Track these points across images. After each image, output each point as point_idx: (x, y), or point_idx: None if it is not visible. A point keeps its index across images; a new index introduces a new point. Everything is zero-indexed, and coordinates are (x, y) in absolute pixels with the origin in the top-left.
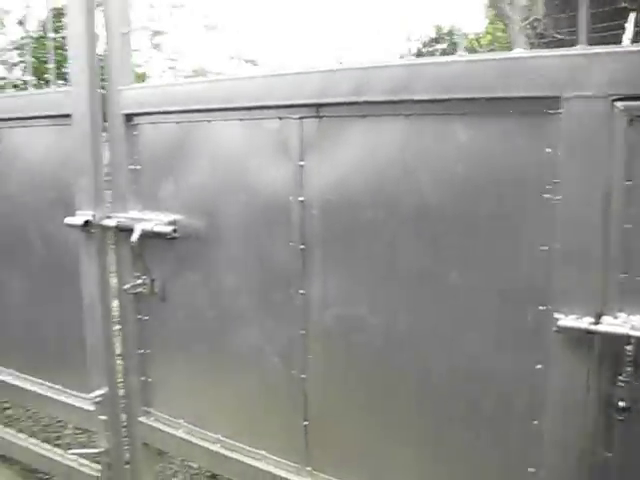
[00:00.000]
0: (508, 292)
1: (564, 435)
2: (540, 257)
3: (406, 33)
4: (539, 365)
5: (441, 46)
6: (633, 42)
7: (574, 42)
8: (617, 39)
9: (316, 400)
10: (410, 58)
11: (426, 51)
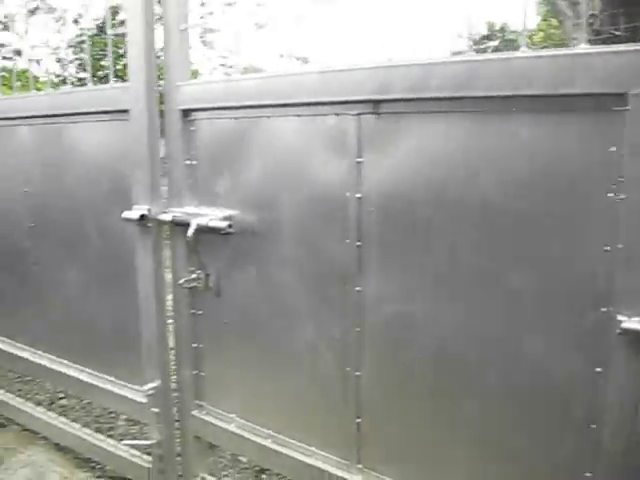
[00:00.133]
0: (569, 293)
1: (623, 440)
2: (603, 257)
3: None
4: (599, 368)
5: (493, 43)
6: None
7: (630, 38)
8: None
9: (370, 397)
10: (470, 54)
11: (477, 49)
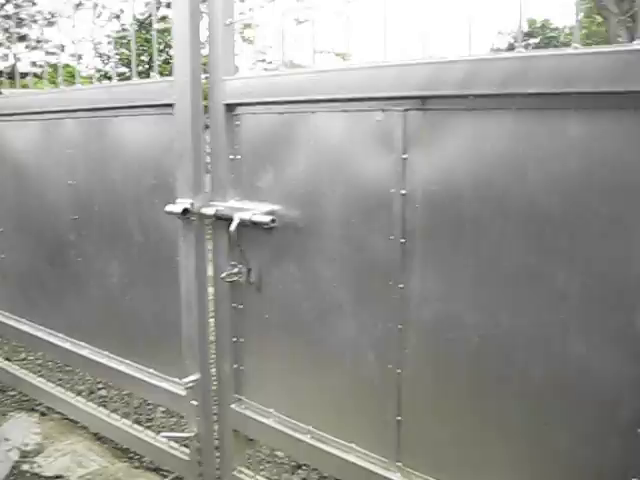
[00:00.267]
0: (616, 294)
1: None
2: None
3: (498, 27)
4: None
5: (534, 40)
6: None
7: None
8: None
9: (411, 396)
10: (520, 50)
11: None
